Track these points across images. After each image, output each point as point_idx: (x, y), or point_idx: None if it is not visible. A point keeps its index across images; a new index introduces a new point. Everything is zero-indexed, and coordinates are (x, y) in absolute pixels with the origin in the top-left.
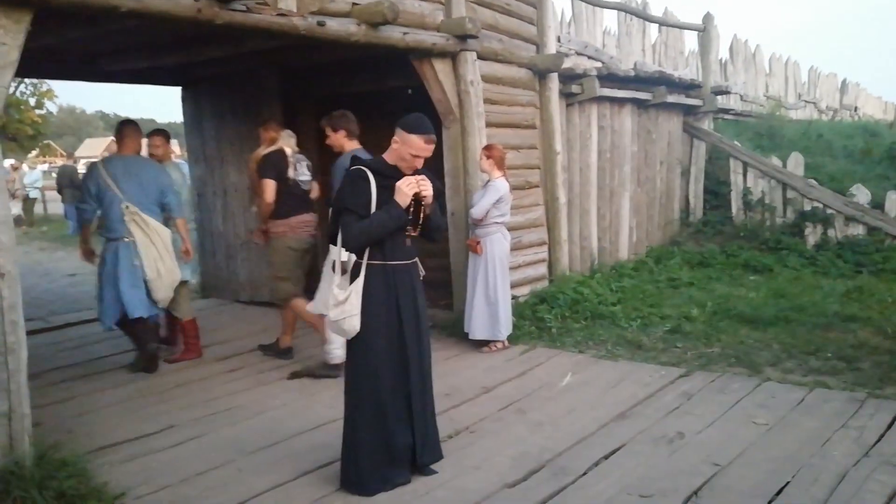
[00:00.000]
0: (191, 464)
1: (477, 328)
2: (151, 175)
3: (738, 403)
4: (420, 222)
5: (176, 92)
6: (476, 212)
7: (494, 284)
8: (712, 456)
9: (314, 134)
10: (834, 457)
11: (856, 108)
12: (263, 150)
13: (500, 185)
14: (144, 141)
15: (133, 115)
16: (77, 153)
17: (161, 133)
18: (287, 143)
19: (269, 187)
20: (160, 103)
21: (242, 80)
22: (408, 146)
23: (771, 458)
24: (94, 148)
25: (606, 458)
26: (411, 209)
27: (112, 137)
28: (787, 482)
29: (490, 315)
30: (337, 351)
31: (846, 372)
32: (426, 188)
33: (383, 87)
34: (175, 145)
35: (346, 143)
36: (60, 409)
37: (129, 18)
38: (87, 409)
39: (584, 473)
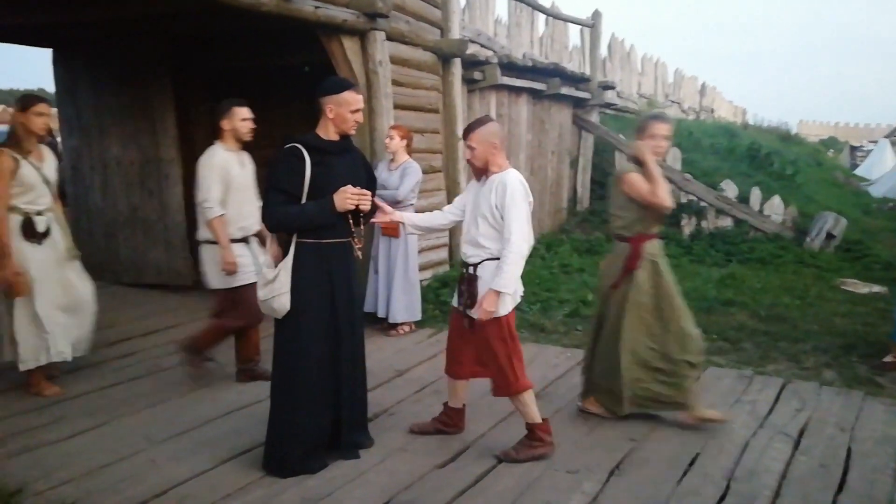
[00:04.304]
0: (93, 456)
1: (398, 311)
2: None
3: None
4: (362, 230)
5: (25, 56)
6: (402, 193)
7: (414, 266)
8: (627, 432)
9: (204, 108)
10: (734, 429)
11: (712, 110)
12: None
13: (418, 166)
14: None
15: None
16: None
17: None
18: None
19: None
20: (12, 66)
21: (125, 47)
22: (346, 105)
23: (679, 432)
24: None
25: None
26: (349, 219)
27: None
28: (698, 453)
29: (410, 297)
30: None
31: (731, 352)
32: (366, 203)
33: (281, 62)
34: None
35: None
36: None
37: None
38: None
39: None
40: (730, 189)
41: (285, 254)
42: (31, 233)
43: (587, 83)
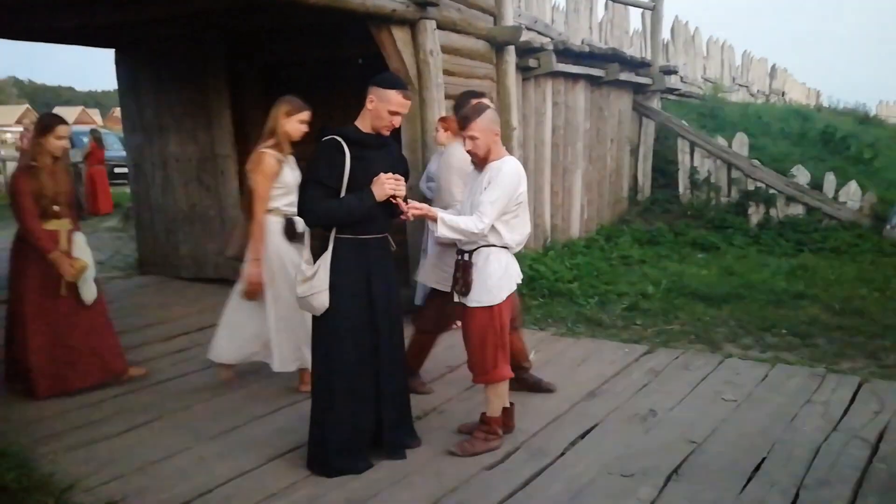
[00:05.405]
0: (144, 451)
1: None
2: None
3: (705, 380)
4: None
5: (100, 57)
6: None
7: None
8: (687, 433)
9: (261, 103)
10: (805, 432)
11: (783, 93)
12: None
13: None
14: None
15: (50, 83)
16: None
17: None
18: None
19: None
20: (80, 69)
21: (184, 44)
22: (386, 103)
23: (744, 434)
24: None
25: (582, 437)
26: (388, 209)
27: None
28: (763, 458)
29: None
30: None
31: (802, 348)
32: (401, 190)
33: (334, 55)
34: (97, 115)
35: None
36: None
37: None
38: (22, 395)
39: (562, 454)
40: (801, 175)
41: (322, 250)
42: (292, 234)
43: (648, 68)
